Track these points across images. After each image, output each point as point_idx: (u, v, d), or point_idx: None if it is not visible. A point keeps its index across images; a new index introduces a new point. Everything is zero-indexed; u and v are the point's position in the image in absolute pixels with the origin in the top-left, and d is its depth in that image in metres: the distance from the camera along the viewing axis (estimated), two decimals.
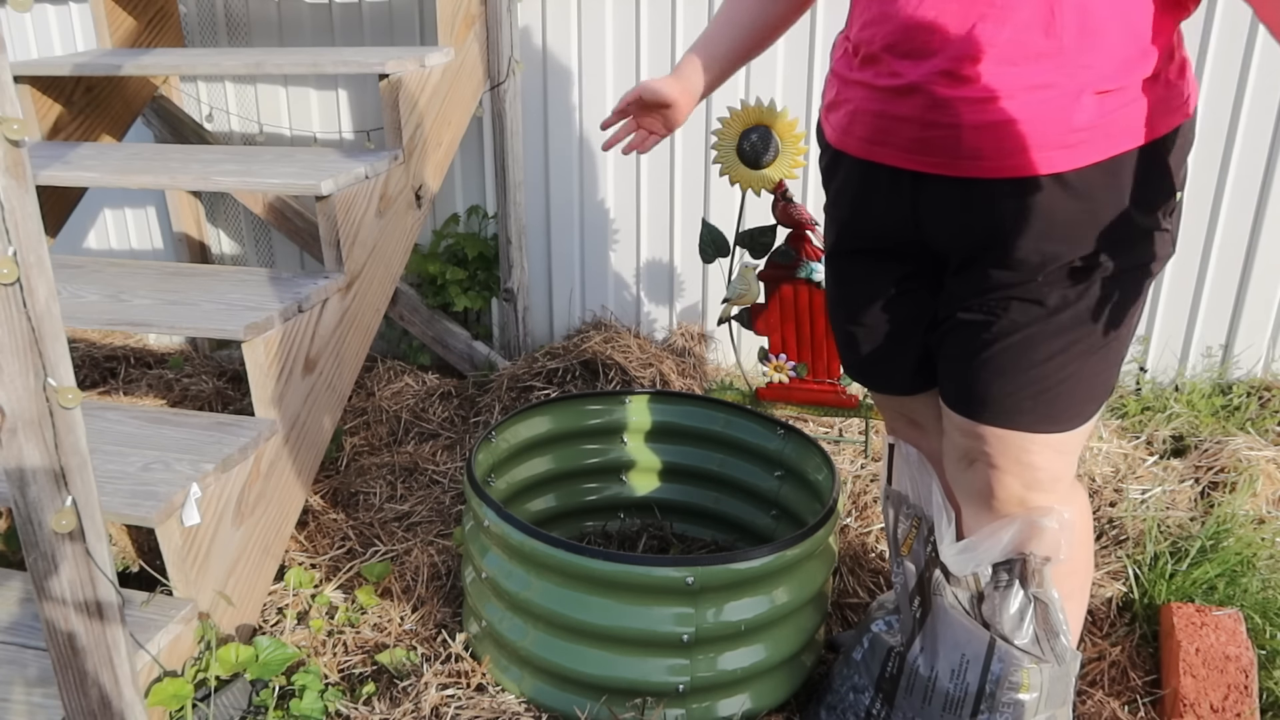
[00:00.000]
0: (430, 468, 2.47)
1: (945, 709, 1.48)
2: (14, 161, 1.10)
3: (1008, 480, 1.34)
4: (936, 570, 1.52)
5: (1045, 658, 1.45)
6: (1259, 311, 2.67)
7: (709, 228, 2.31)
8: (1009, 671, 1.45)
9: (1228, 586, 1.87)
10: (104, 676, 1.36)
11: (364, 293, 2.22)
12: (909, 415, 1.53)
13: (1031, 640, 1.45)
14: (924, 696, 1.51)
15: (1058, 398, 1.26)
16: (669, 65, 2.77)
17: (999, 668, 1.45)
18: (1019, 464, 1.32)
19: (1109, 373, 1.29)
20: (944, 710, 1.49)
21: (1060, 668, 1.47)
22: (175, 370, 3.06)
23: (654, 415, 2.13)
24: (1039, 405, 1.27)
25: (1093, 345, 1.25)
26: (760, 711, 1.63)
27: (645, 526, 2.19)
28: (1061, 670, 1.48)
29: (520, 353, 3.02)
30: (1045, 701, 1.47)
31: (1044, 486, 1.33)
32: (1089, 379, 1.27)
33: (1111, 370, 1.29)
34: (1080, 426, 1.31)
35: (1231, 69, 2.48)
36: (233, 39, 3.09)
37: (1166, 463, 2.38)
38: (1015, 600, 1.44)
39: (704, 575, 1.51)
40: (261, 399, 1.90)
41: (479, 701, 1.65)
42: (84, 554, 1.28)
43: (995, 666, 1.46)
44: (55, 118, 2.58)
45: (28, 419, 1.18)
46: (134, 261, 2.35)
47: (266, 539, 1.93)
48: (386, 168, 2.26)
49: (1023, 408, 1.27)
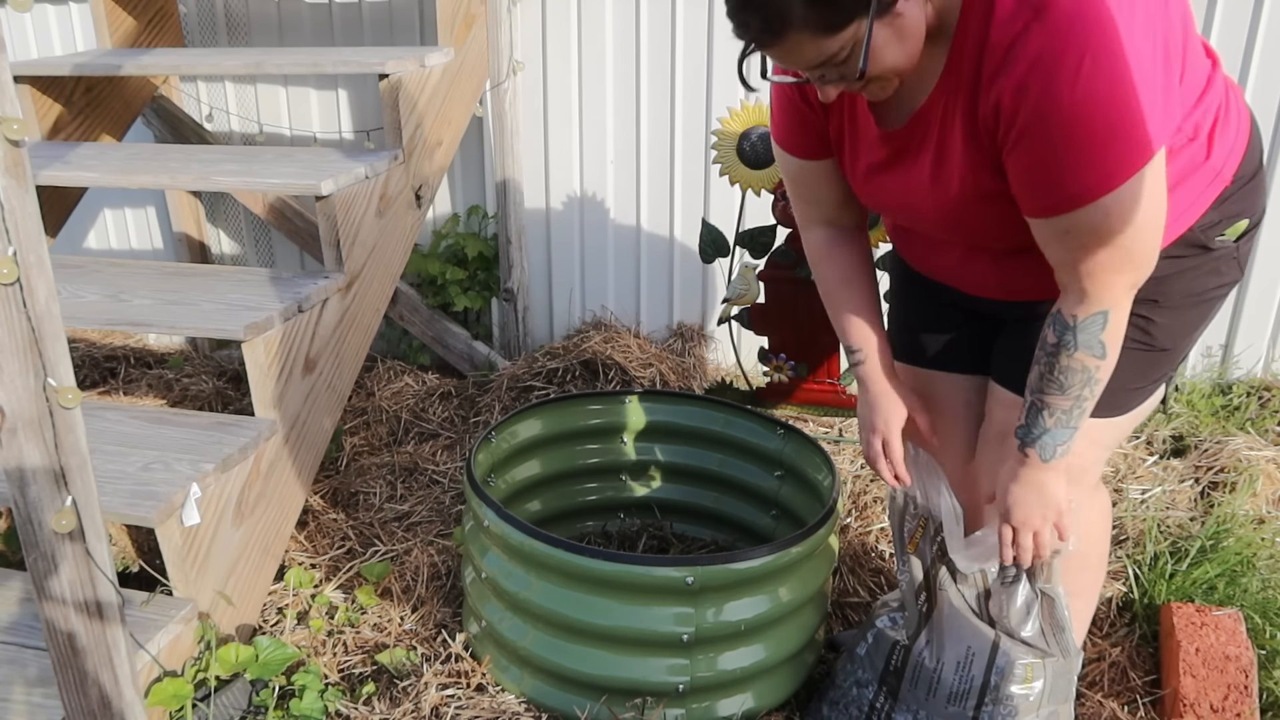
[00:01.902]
0: (430, 468, 2.47)
1: (950, 702, 1.49)
2: (14, 161, 1.10)
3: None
4: (943, 567, 1.52)
5: (1050, 651, 1.46)
6: (1259, 311, 2.67)
7: (709, 228, 2.31)
8: (1013, 666, 1.45)
9: (1228, 586, 1.87)
10: (104, 676, 1.36)
11: (364, 293, 2.22)
12: (926, 396, 1.55)
13: (1036, 634, 1.46)
14: (929, 689, 1.51)
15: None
16: (669, 65, 2.77)
17: (1003, 662, 1.46)
18: None
19: (1156, 371, 1.36)
20: (948, 703, 1.49)
21: (1064, 662, 1.48)
22: (175, 370, 3.06)
23: (654, 415, 2.13)
24: None
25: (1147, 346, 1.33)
26: (760, 711, 1.63)
27: (645, 526, 2.19)
28: (1065, 666, 1.48)
29: (520, 353, 3.02)
30: (1049, 696, 1.47)
31: (1072, 475, 1.36)
32: (1135, 373, 1.34)
33: (1159, 370, 1.36)
34: (1116, 418, 1.37)
35: (1232, 69, 2.48)
36: (233, 39, 3.09)
37: (1166, 463, 2.38)
38: (1021, 594, 1.45)
39: (704, 575, 1.51)
40: (261, 399, 1.90)
41: (479, 701, 1.65)
42: (84, 554, 1.28)
43: (1000, 660, 1.46)
44: (55, 118, 2.58)
45: (28, 419, 1.18)
46: (134, 261, 2.35)
47: (266, 539, 1.93)
48: (386, 168, 2.26)
49: None
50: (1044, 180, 1.11)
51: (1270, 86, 2.47)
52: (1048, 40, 1.03)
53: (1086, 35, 1.01)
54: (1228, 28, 2.45)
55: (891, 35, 1.10)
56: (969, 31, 1.11)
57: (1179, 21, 1.15)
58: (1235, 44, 2.46)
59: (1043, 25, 1.03)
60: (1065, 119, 1.04)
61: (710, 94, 2.77)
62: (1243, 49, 2.46)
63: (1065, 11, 1.02)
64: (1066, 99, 1.03)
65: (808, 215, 1.50)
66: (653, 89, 2.81)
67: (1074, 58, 1.02)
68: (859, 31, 1.08)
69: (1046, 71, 1.03)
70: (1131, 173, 1.06)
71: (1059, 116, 1.04)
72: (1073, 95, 1.03)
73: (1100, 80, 1.02)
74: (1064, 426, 1.26)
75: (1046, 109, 1.05)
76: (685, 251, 2.95)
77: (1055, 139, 1.06)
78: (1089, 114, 1.03)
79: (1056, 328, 1.22)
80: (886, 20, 1.09)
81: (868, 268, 1.49)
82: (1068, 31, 1.02)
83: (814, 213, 1.49)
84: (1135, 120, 1.03)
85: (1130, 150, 1.05)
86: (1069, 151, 1.06)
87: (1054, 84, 1.03)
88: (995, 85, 1.08)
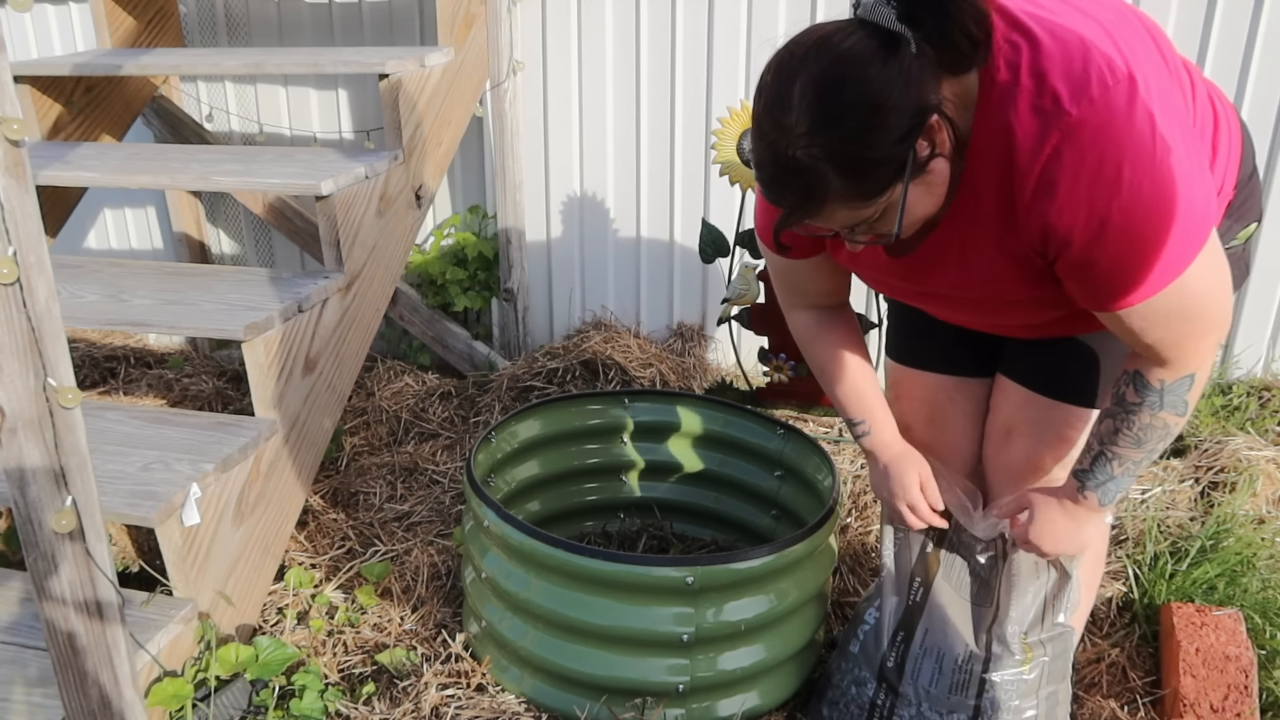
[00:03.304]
0: (430, 468, 2.47)
1: (952, 692, 1.49)
2: (14, 161, 1.10)
3: (1043, 453, 1.40)
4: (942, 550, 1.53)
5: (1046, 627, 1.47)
6: (1259, 311, 2.66)
7: (709, 228, 2.31)
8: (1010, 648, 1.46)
9: (1228, 586, 1.87)
10: (104, 676, 1.36)
11: (364, 293, 2.22)
12: (931, 399, 1.54)
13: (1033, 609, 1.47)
14: (931, 681, 1.51)
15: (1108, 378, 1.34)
16: (669, 65, 2.77)
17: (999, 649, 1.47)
18: (1059, 438, 1.39)
19: None
20: (950, 693, 1.49)
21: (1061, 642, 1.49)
22: (175, 370, 3.06)
23: (654, 415, 2.13)
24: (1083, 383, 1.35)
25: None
26: (760, 711, 1.63)
27: (645, 526, 2.19)
28: (1062, 646, 1.49)
29: (520, 353, 3.02)
30: (1047, 676, 1.49)
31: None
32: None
33: None
34: None
35: (1232, 69, 2.48)
36: (233, 39, 3.09)
37: (1166, 463, 2.38)
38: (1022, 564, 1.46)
39: (704, 575, 1.51)
40: (261, 399, 1.90)
41: (479, 701, 1.65)
42: (84, 554, 1.28)
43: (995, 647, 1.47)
44: (55, 118, 2.58)
45: (28, 419, 1.18)
46: (134, 261, 2.35)
47: (266, 539, 1.93)
48: (386, 168, 2.26)
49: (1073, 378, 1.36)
50: (1110, 286, 1.09)
51: (1270, 86, 2.47)
52: (1081, 158, 1.01)
53: (1120, 144, 1.00)
54: (1228, 28, 2.45)
55: (924, 191, 1.09)
56: (988, 159, 1.08)
57: (1175, 65, 1.15)
58: (1235, 44, 2.46)
59: (1073, 145, 1.01)
60: (1118, 230, 1.03)
61: (710, 94, 2.77)
62: (1243, 49, 2.46)
63: (1091, 126, 1.00)
64: (1116, 212, 1.02)
65: (792, 302, 1.49)
66: (653, 89, 2.81)
67: (1112, 170, 1.00)
68: (894, 195, 1.06)
69: (1089, 190, 1.02)
70: (1193, 256, 1.05)
71: (1112, 229, 1.03)
72: (1121, 205, 1.01)
73: (1144, 184, 1.00)
74: (1129, 475, 1.27)
75: (1098, 225, 1.03)
76: (685, 251, 2.95)
77: (1113, 250, 1.05)
78: (1141, 219, 1.02)
79: (1139, 388, 1.20)
80: (919, 179, 1.07)
81: (857, 340, 1.49)
82: (1101, 145, 1.00)
83: (799, 300, 1.48)
84: (1187, 208, 1.02)
85: (1188, 237, 1.04)
86: (1130, 257, 1.05)
87: (1100, 201, 1.02)
88: (1036, 210, 1.06)
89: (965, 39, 1.02)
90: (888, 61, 0.99)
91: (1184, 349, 1.14)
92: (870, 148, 1.02)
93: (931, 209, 1.12)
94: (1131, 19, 1.13)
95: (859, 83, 1.00)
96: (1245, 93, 2.49)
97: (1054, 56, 1.02)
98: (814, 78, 1.01)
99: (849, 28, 1.03)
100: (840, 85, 1.00)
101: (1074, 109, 0.99)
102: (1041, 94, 1.01)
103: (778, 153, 1.04)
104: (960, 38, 1.02)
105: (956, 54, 1.03)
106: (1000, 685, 1.47)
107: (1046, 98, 1.01)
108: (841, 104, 1.00)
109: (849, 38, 1.01)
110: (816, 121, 1.01)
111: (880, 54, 1.00)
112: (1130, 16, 1.13)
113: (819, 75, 1.01)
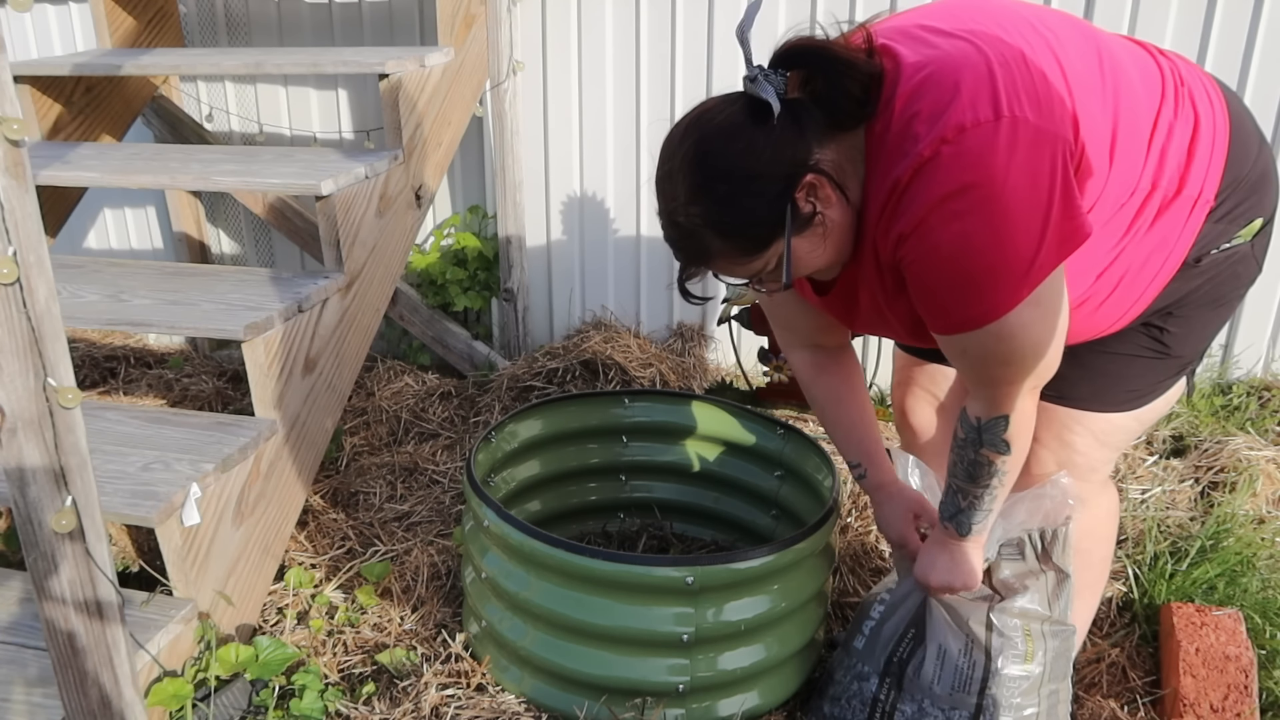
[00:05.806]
0: (430, 468, 2.47)
1: (955, 687, 1.50)
2: (14, 161, 1.10)
3: (1044, 455, 1.41)
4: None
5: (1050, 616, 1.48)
6: (1259, 311, 2.67)
7: None
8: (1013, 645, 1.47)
9: (1228, 586, 1.87)
10: (104, 676, 1.36)
11: (364, 293, 2.22)
12: (935, 390, 1.56)
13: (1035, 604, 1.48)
14: (934, 676, 1.51)
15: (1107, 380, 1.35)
16: (669, 65, 2.77)
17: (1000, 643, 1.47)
18: (1059, 441, 1.40)
19: (1166, 373, 1.38)
20: (954, 689, 1.50)
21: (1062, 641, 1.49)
22: (175, 370, 3.06)
23: (654, 415, 2.13)
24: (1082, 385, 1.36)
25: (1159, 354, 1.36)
26: (760, 711, 1.63)
27: (645, 526, 2.19)
28: (1064, 645, 1.50)
29: (520, 353, 3.02)
30: (1049, 675, 1.49)
31: (1080, 474, 1.37)
32: (1145, 377, 1.36)
33: (1170, 371, 1.38)
34: (1120, 413, 1.39)
35: (1232, 69, 2.48)
36: (233, 39, 3.09)
37: (1166, 463, 2.38)
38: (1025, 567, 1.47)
39: (704, 575, 1.51)
40: (261, 399, 1.90)
41: (479, 701, 1.65)
42: (84, 554, 1.28)
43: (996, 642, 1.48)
44: (55, 118, 2.58)
45: (28, 419, 1.18)
46: (134, 261, 2.35)
47: (266, 539, 1.93)
48: (386, 168, 2.26)
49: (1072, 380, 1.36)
50: (934, 309, 1.16)
51: (1271, 86, 2.47)
52: (928, 189, 1.07)
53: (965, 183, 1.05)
54: (1228, 28, 2.45)
55: (816, 240, 1.16)
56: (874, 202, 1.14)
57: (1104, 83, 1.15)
58: (1235, 44, 2.46)
59: (923, 179, 1.07)
60: (946, 260, 1.09)
61: (710, 94, 2.77)
62: (1243, 49, 2.46)
63: (944, 162, 1.06)
64: (946, 244, 1.08)
65: (787, 340, 1.55)
66: (653, 89, 2.81)
67: (952, 204, 1.06)
68: (780, 248, 1.14)
69: (925, 216, 1.08)
70: (1015, 304, 1.10)
71: (940, 258, 1.09)
72: (950, 238, 1.07)
73: (977, 225, 1.06)
74: (977, 510, 1.32)
75: (930, 249, 1.09)
76: None
77: (936, 277, 1.11)
78: (970, 256, 1.08)
79: (964, 426, 1.27)
80: (807, 233, 1.14)
81: (855, 382, 1.53)
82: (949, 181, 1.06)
83: (793, 338, 1.54)
84: (1015, 256, 1.07)
85: (1012, 284, 1.09)
86: (952, 289, 1.11)
87: (934, 229, 1.08)
88: (890, 235, 1.13)
89: (847, 100, 1.10)
90: (755, 131, 1.09)
91: (996, 391, 1.20)
92: (743, 212, 1.11)
93: (832, 256, 1.19)
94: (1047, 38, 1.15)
95: (724, 156, 1.10)
96: (1245, 93, 2.49)
97: (925, 99, 1.08)
98: (688, 153, 1.13)
99: (729, 100, 1.14)
100: (708, 157, 1.11)
101: (928, 150, 1.06)
102: (905, 137, 1.08)
103: (667, 218, 1.17)
104: (842, 99, 1.10)
105: (840, 114, 1.11)
106: (1002, 683, 1.47)
107: (908, 140, 1.08)
108: (712, 175, 1.10)
109: (723, 111, 1.13)
110: (691, 191, 1.12)
111: (748, 124, 1.10)
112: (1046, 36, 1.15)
113: (691, 149, 1.12)
